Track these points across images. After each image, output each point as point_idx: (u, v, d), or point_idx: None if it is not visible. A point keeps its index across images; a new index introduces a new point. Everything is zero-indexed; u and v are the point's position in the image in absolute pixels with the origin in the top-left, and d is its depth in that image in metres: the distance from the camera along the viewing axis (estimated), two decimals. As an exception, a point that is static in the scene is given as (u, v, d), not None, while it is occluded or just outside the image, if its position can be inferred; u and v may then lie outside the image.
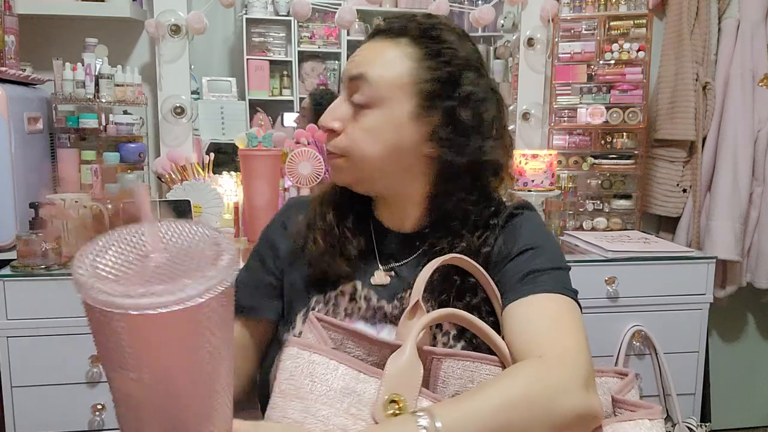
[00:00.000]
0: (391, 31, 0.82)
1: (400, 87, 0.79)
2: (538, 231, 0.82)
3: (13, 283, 1.48)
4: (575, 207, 2.07)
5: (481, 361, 0.68)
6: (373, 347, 0.68)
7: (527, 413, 0.60)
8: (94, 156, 1.87)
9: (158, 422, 0.48)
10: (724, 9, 2.06)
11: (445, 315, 0.71)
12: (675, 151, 2.09)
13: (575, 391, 0.63)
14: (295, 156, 1.78)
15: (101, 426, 1.53)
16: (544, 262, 0.77)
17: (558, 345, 0.67)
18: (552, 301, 0.73)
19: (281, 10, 2.69)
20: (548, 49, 2.05)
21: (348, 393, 0.63)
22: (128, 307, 0.43)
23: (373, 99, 0.79)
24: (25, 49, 1.83)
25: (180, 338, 0.46)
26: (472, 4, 2.33)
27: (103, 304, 0.44)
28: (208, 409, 0.50)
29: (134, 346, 0.45)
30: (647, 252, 1.75)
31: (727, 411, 2.27)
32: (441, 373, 0.67)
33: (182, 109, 1.90)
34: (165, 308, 0.44)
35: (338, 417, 0.61)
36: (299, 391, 0.62)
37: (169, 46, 1.90)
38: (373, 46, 0.82)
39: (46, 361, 1.50)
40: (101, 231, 0.50)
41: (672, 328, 1.74)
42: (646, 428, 0.63)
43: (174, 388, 0.47)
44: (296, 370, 0.63)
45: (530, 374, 0.64)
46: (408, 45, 0.81)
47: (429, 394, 0.65)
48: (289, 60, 2.81)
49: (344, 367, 0.64)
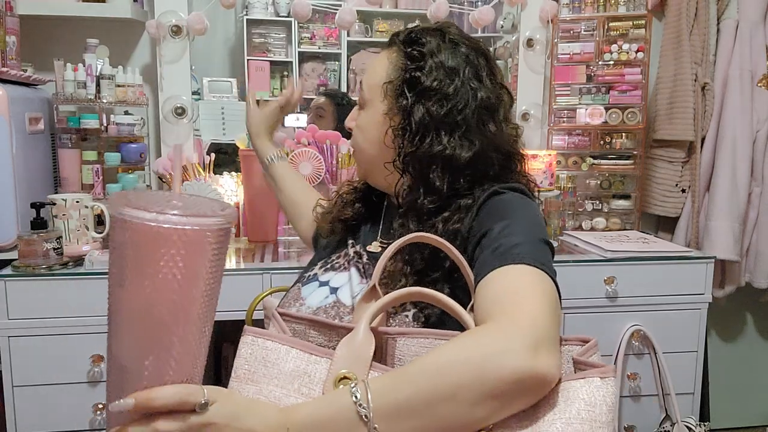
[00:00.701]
0: (390, 40, 0.94)
1: (378, 89, 0.91)
2: (518, 207, 0.81)
3: (14, 283, 1.48)
4: (574, 207, 2.08)
5: (435, 337, 0.67)
6: (332, 333, 0.70)
7: (459, 376, 0.58)
8: (95, 156, 1.88)
9: (136, 333, 0.56)
10: (723, 9, 2.07)
11: (407, 294, 0.71)
12: (674, 152, 2.10)
13: (518, 353, 0.58)
14: (296, 156, 1.79)
15: (102, 426, 1.53)
16: (516, 236, 0.75)
17: (512, 310, 0.64)
18: (519, 270, 0.70)
19: (282, 10, 2.70)
20: (547, 49, 2.05)
21: (299, 374, 0.65)
22: (148, 219, 0.53)
23: (364, 101, 0.95)
24: (27, 49, 1.83)
25: (181, 259, 0.53)
26: (471, 5, 2.34)
27: (122, 214, 0.53)
28: (181, 340, 0.56)
29: (137, 256, 0.54)
30: (646, 252, 1.75)
31: (725, 410, 2.28)
32: (396, 352, 0.68)
33: (183, 109, 1.91)
34: (173, 225, 0.53)
35: (289, 397, 0.64)
36: (253, 375, 0.66)
37: (170, 46, 1.90)
38: (376, 55, 0.95)
39: (47, 360, 1.50)
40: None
41: (671, 328, 1.74)
42: (595, 386, 0.60)
43: (160, 304, 0.54)
44: (251, 357, 0.67)
45: (466, 339, 0.63)
46: (393, 51, 0.92)
47: (382, 367, 0.66)
48: (289, 60, 2.82)
49: (296, 350, 0.67)
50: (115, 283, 0.56)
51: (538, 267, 0.70)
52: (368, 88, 0.93)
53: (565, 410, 0.59)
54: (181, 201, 0.58)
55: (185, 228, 0.53)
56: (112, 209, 0.54)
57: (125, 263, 0.54)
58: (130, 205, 0.53)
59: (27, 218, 1.57)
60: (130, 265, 0.54)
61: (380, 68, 0.92)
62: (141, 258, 0.53)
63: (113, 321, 0.57)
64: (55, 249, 1.53)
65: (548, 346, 0.61)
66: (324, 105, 2.38)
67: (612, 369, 0.62)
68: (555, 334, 0.64)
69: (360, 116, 0.96)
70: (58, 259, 1.54)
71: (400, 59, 0.90)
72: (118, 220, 0.54)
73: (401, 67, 0.89)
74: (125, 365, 0.56)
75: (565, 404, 0.60)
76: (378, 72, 0.92)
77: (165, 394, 0.55)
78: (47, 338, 1.50)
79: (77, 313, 1.50)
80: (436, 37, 0.90)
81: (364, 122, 0.95)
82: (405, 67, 0.89)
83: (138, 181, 1.91)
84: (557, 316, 0.67)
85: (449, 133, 0.85)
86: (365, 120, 0.94)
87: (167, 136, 1.94)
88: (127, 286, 0.54)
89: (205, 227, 0.54)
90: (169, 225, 0.53)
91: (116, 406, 0.56)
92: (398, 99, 0.88)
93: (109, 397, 0.58)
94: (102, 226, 1.70)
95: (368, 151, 0.95)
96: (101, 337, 1.67)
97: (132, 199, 0.55)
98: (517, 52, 2.10)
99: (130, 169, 1.92)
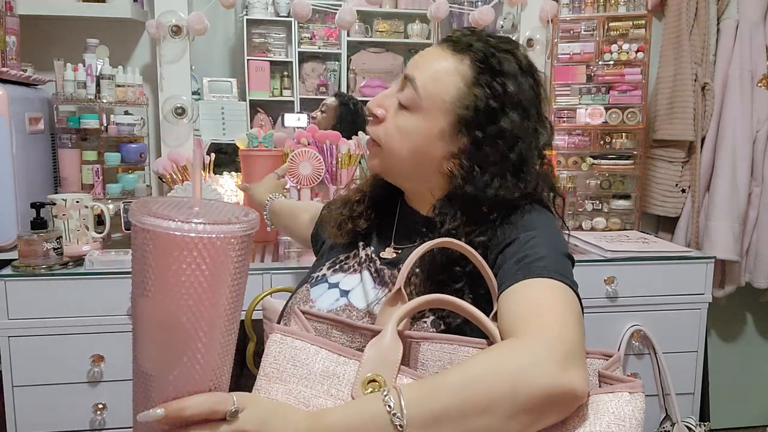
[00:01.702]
0: (458, 44, 0.84)
1: (441, 103, 0.82)
2: (540, 221, 0.82)
3: (14, 282, 1.48)
4: (574, 207, 2.08)
5: (459, 344, 0.68)
6: (355, 334, 0.70)
7: (492, 389, 0.58)
8: (95, 156, 1.88)
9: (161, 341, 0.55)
10: (723, 9, 2.07)
11: (431, 300, 0.71)
12: (674, 152, 2.10)
13: (549, 368, 0.59)
14: (296, 156, 1.79)
15: (102, 425, 1.53)
16: (540, 249, 0.76)
17: (538, 324, 0.65)
18: (544, 284, 0.71)
19: (282, 10, 2.70)
20: (547, 49, 2.05)
21: (328, 375, 0.65)
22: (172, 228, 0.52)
23: (414, 104, 0.83)
24: (27, 49, 1.83)
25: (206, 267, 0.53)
26: (471, 5, 2.34)
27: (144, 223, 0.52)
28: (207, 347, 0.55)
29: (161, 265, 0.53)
30: (646, 252, 1.75)
31: (726, 410, 2.28)
32: (420, 356, 0.69)
33: (183, 109, 1.91)
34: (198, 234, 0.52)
35: (318, 398, 0.64)
36: (282, 374, 0.65)
37: (169, 46, 1.90)
38: (436, 52, 0.84)
39: (47, 360, 1.50)
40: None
41: (671, 328, 1.74)
42: (625, 401, 0.61)
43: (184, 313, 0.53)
44: (279, 355, 0.66)
45: (497, 352, 0.63)
46: (465, 64, 0.82)
47: (409, 371, 0.66)
48: (289, 61, 2.82)
49: (325, 351, 0.67)
50: (138, 293, 0.55)
51: (562, 281, 0.72)
52: (427, 96, 0.82)
53: (595, 423, 0.60)
54: (203, 207, 0.57)
55: (210, 236, 0.52)
56: (134, 218, 0.53)
57: (148, 272, 0.53)
58: (151, 214, 0.52)
59: (27, 218, 1.57)
60: (153, 275, 0.53)
61: (447, 79, 0.82)
62: (164, 267, 0.53)
63: (138, 330, 0.57)
64: (55, 249, 1.53)
65: (575, 360, 0.62)
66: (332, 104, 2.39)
67: (640, 384, 0.63)
68: (581, 348, 0.65)
69: (402, 116, 0.85)
70: (58, 259, 1.54)
71: (473, 77, 0.82)
72: (140, 229, 0.53)
73: (478, 95, 0.81)
74: (151, 374, 0.56)
75: (595, 417, 0.61)
76: (444, 82, 0.82)
77: (195, 403, 0.55)
78: (47, 338, 1.50)
79: (77, 313, 1.50)
80: (512, 61, 0.83)
81: (407, 126, 0.84)
82: (484, 97, 0.81)
83: (138, 181, 1.91)
84: (582, 329, 0.68)
85: (506, 176, 0.82)
86: (410, 124, 0.84)
87: (167, 136, 1.94)
88: (150, 295, 0.54)
89: (229, 234, 0.53)
90: (194, 234, 0.52)
91: (145, 416, 0.55)
92: (468, 129, 0.81)
93: (136, 407, 0.58)
94: (102, 226, 1.70)
95: (401, 154, 0.85)
96: (101, 337, 1.66)
97: (153, 207, 0.54)
98: (517, 52, 2.10)
99: (130, 169, 1.92)
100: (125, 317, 1.52)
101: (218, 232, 0.53)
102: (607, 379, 0.66)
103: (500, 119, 0.81)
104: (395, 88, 0.87)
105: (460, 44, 0.84)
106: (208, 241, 0.52)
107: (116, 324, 1.52)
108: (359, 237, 0.96)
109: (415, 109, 0.84)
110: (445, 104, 0.82)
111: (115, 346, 1.52)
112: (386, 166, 0.89)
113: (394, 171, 0.90)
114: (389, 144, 0.86)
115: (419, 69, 0.84)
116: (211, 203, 0.60)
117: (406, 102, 0.84)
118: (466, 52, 0.83)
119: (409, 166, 0.87)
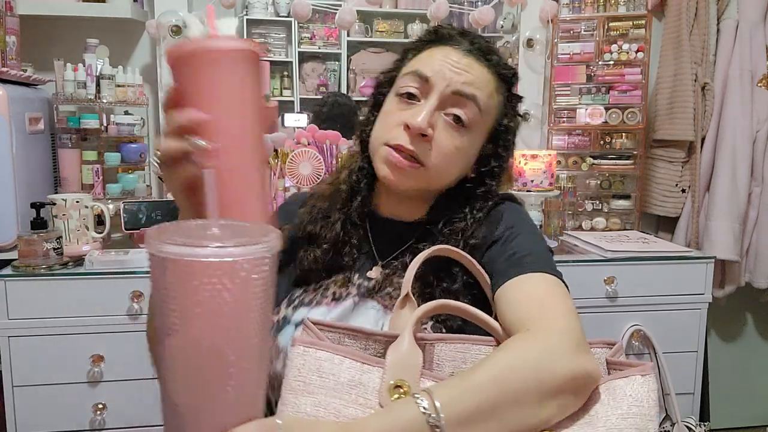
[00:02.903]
0: (488, 58, 0.85)
1: (491, 120, 0.85)
2: (518, 217, 0.86)
3: (14, 282, 1.48)
4: (574, 207, 2.08)
5: (471, 342, 0.71)
6: (369, 341, 0.71)
7: (520, 381, 0.62)
8: (95, 156, 1.88)
9: (192, 376, 0.52)
10: (723, 9, 2.07)
11: (438, 306, 0.73)
12: (674, 152, 2.10)
13: (565, 355, 0.64)
14: (296, 156, 1.79)
15: (102, 425, 1.53)
16: (526, 245, 0.80)
17: (545, 317, 0.69)
18: (538, 279, 0.75)
19: (281, 10, 2.70)
20: (547, 49, 2.05)
21: (355, 384, 0.65)
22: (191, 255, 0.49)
23: (475, 124, 0.82)
24: (27, 49, 1.83)
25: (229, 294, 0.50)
26: (471, 5, 2.34)
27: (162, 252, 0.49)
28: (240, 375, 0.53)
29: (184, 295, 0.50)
30: (646, 252, 1.75)
31: (726, 410, 2.28)
32: (435, 357, 0.70)
33: (183, 109, 1.91)
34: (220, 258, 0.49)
35: (348, 408, 0.64)
36: (308, 386, 0.65)
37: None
38: (477, 68, 0.83)
39: (47, 360, 1.50)
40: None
41: (671, 328, 1.74)
42: (638, 383, 0.65)
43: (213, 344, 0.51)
44: (303, 368, 0.66)
45: (518, 344, 0.66)
46: (498, 82, 0.85)
47: (431, 374, 0.68)
48: (289, 60, 2.82)
49: (349, 360, 0.67)
50: (163, 332, 0.52)
51: (553, 274, 0.76)
52: (485, 113, 0.83)
53: (617, 407, 0.64)
54: (222, 229, 0.54)
55: (233, 260, 0.50)
56: (151, 247, 0.50)
57: (170, 306, 0.51)
58: (168, 242, 0.49)
59: (27, 218, 1.58)
60: (175, 309, 0.51)
61: (493, 98, 0.84)
62: (187, 298, 0.50)
63: (165, 367, 0.54)
64: (55, 249, 1.53)
65: (585, 347, 0.67)
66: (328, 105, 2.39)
67: (650, 366, 0.67)
68: (585, 337, 0.69)
69: (457, 135, 0.81)
70: (58, 259, 1.54)
71: (502, 95, 0.86)
72: (158, 258, 0.50)
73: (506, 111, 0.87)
74: (183, 412, 0.53)
75: (615, 401, 0.65)
76: (492, 101, 0.84)
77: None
78: (47, 338, 1.50)
79: (77, 313, 1.50)
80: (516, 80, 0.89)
81: (465, 146, 0.82)
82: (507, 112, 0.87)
83: (138, 181, 1.91)
84: (578, 316, 0.72)
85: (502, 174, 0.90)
86: (467, 144, 0.83)
87: (167, 136, 1.94)
88: (175, 332, 0.51)
89: (250, 256, 0.50)
90: (216, 258, 0.49)
91: None
92: (496, 138, 0.86)
93: None
94: (102, 226, 1.70)
95: (451, 174, 0.84)
96: (101, 337, 1.66)
97: (169, 234, 0.51)
98: (517, 52, 2.10)
99: (130, 169, 1.92)
100: (125, 317, 1.52)
101: (239, 254, 0.50)
102: (615, 365, 0.69)
103: (512, 130, 0.88)
104: (433, 105, 0.80)
105: (491, 60, 0.85)
106: (229, 265, 0.50)
107: (116, 324, 1.52)
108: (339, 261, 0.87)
109: (474, 128, 0.82)
110: (490, 120, 0.85)
111: (115, 346, 1.52)
112: (424, 186, 0.84)
113: (432, 190, 0.86)
114: (440, 164, 0.81)
115: (477, 88, 0.82)
116: (231, 224, 0.57)
117: (468, 122, 0.81)
118: (494, 68, 0.85)
119: (445, 185, 0.85)
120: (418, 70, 0.82)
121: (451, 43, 0.84)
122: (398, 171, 0.81)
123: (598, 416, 0.64)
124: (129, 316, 1.52)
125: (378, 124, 0.86)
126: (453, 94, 0.80)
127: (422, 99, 0.81)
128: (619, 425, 0.63)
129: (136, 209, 1.74)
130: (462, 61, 0.82)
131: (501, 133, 0.87)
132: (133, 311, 1.52)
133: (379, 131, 0.84)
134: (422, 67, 0.82)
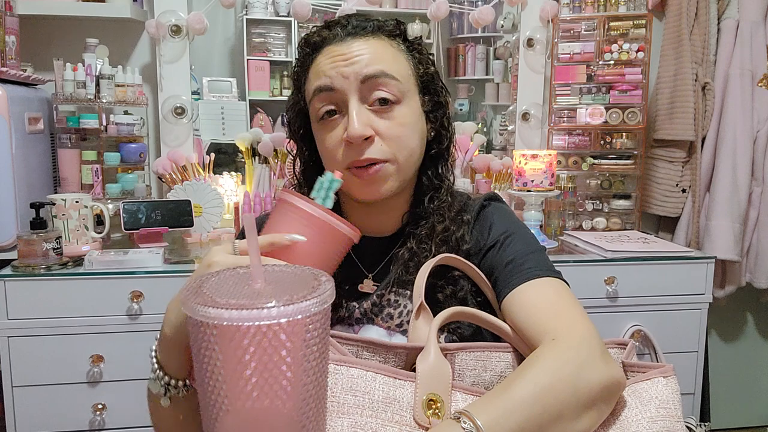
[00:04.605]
0: (366, 28, 0.81)
1: (413, 80, 0.82)
2: (508, 219, 0.86)
3: (13, 283, 1.48)
4: (575, 207, 2.08)
5: (489, 350, 0.71)
6: (389, 353, 0.69)
7: (559, 396, 0.62)
8: (94, 156, 1.88)
9: None
10: (724, 9, 2.07)
11: (454, 314, 0.73)
12: (674, 152, 2.10)
13: (596, 365, 0.65)
14: (296, 156, 1.78)
15: (102, 425, 1.53)
16: (521, 248, 0.80)
17: (565, 325, 0.69)
18: (542, 285, 0.76)
19: (281, 10, 2.70)
20: (548, 49, 2.05)
21: (389, 401, 0.63)
22: (241, 318, 0.43)
23: (402, 93, 0.79)
24: (26, 49, 1.83)
25: (287, 353, 0.46)
26: (471, 5, 2.33)
27: (200, 315, 0.44)
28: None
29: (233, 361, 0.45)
30: (646, 252, 1.75)
31: (726, 410, 2.28)
32: (456, 367, 0.69)
33: (183, 109, 1.91)
34: (273, 320, 0.44)
35: (386, 427, 0.62)
36: (343, 407, 0.63)
37: (169, 46, 1.90)
38: (364, 44, 0.79)
39: (47, 360, 1.50)
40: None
41: (671, 328, 1.74)
42: (662, 385, 0.66)
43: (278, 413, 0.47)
44: (336, 387, 0.63)
45: (552, 358, 0.66)
46: (390, 41, 0.82)
47: (460, 387, 0.67)
48: (289, 60, 2.82)
49: (381, 376, 0.64)
50: (218, 409, 0.47)
51: (556, 277, 0.77)
52: (403, 79, 0.79)
53: (645, 411, 0.65)
54: (267, 283, 0.49)
55: (289, 319, 0.44)
56: (190, 310, 0.45)
57: (221, 376, 0.45)
58: (209, 304, 0.44)
59: (27, 218, 1.57)
60: (226, 378, 0.45)
61: (400, 58, 0.81)
62: (236, 362, 0.45)
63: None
64: (54, 249, 1.53)
65: (608, 352, 0.68)
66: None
67: (671, 368, 0.68)
68: (602, 339, 0.69)
69: (396, 113, 0.78)
70: (57, 259, 1.54)
71: (405, 50, 0.83)
72: (201, 324, 0.45)
73: (419, 60, 0.84)
74: None
75: (642, 405, 0.66)
76: (401, 62, 0.81)
77: None
78: (47, 338, 1.50)
79: (77, 313, 1.50)
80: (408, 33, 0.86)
81: (406, 117, 0.79)
82: (420, 60, 0.84)
83: (137, 181, 1.91)
84: (588, 315, 0.73)
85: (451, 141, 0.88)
86: (407, 114, 0.79)
87: (167, 136, 1.94)
88: (231, 406, 0.46)
89: (306, 312, 0.45)
90: (269, 321, 0.44)
91: None
92: (427, 89, 0.84)
93: None
94: (101, 226, 1.70)
95: (416, 148, 0.81)
96: (101, 337, 1.66)
97: (209, 294, 0.46)
98: (517, 52, 2.10)
99: (129, 169, 1.92)
100: (125, 317, 1.52)
101: (294, 313, 0.45)
102: (633, 368, 0.70)
103: (435, 80, 0.86)
104: (355, 104, 0.77)
105: (369, 29, 0.81)
106: (285, 326, 0.45)
107: (116, 324, 1.52)
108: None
109: (403, 98, 0.79)
110: (413, 78, 0.82)
111: (115, 346, 1.52)
112: (404, 177, 0.82)
113: (409, 177, 0.83)
114: (404, 147, 0.79)
115: (379, 63, 0.78)
116: (276, 273, 0.51)
117: (395, 98, 0.78)
118: (378, 33, 0.81)
119: (416, 163, 0.83)
120: (318, 86, 0.78)
121: (327, 42, 0.80)
122: (373, 182, 0.79)
123: (628, 421, 0.65)
124: (128, 316, 1.52)
125: (322, 156, 0.82)
126: (363, 83, 0.77)
127: (342, 108, 0.78)
128: (650, 429, 0.64)
129: (136, 209, 1.73)
130: (347, 49, 0.78)
131: (427, 82, 0.84)
132: (133, 311, 1.51)
133: (328, 160, 0.81)
134: (319, 81, 0.78)
